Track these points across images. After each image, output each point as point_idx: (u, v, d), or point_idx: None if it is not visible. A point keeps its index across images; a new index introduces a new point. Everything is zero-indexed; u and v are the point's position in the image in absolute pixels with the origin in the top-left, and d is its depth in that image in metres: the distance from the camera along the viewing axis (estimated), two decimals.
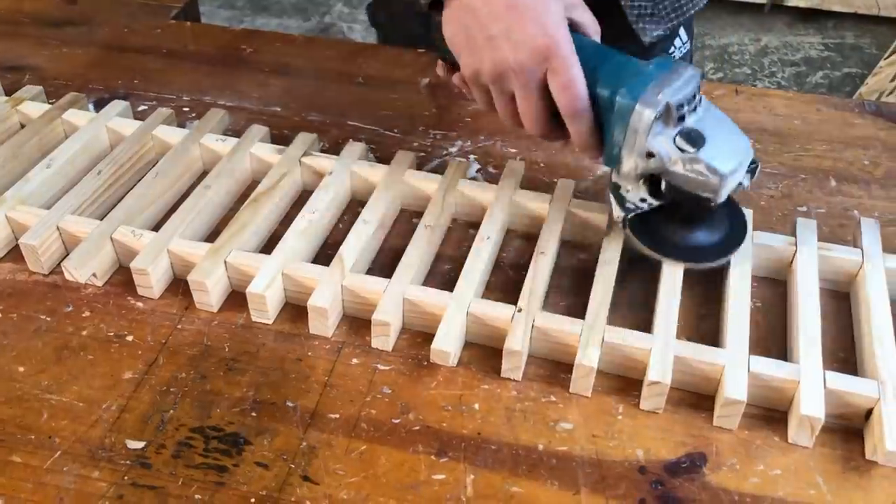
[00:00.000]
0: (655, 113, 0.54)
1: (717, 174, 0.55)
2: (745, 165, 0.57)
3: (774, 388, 0.54)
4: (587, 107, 0.57)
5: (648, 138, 0.55)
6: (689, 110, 0.55)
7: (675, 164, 0.55)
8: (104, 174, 0.70)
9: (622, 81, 0.55)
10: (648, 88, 0.54)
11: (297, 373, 0.56)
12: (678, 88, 0.54)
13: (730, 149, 0.55)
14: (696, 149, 0.54)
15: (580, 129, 0.58)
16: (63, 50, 0.92)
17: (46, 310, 0.60)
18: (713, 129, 0.55)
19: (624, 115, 0.55)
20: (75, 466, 0.50)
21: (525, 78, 0.57)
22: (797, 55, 2.56)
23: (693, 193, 0.56)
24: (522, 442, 0.52)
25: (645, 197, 0.58)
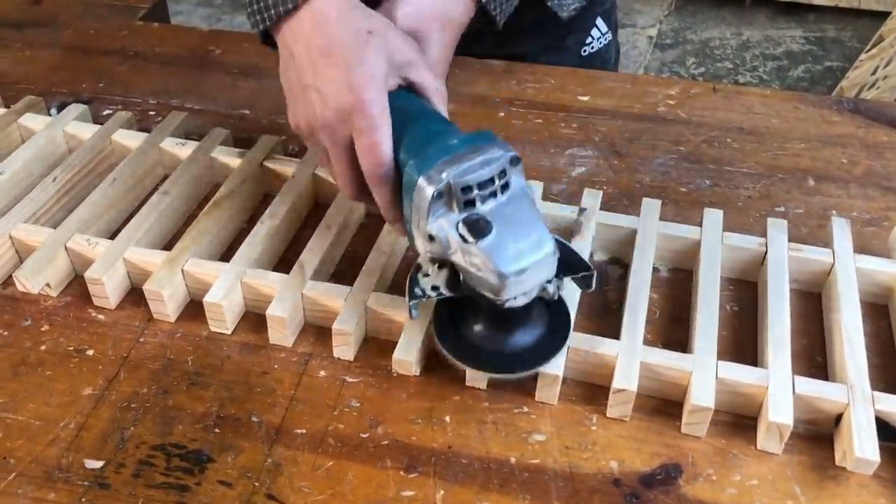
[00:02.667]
0: (434, 191, 0.47)
1: (495, 273, 0.47)
2: (542, 268, 0.49)
3: (743, 395, 0.53)
4: (389, 174, 0.52)
5: (428, 219, 0.49)
6: (483, 195, 0.48)
7: (455, 253, 0.49)
8: (59, 180, 0.68)
9: (418, 152, 0.50)
10: (437, 164, 0.48)
11: (263, 386, 0.54)
12: (471, 169, 0.48)
13: (521, 247, 0.48)
14: (476, 239, 0.47)
15: (382, 198, 0.53)
16: (26, 52, 0.90)
17: (3, 324, 0.59)
18: (508, 222, 0.48)
19: (410, 188, 0.49)
20: (30, 488, 0.48)
21: (331, 136, 0.53)
22: (779, 49, 2.56)
23: (479, 291, 0.50)
24: (494, 455, 0.51)
25: (438, 285, 0.52)
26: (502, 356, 0.53)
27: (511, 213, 0.49)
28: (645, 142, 0.77)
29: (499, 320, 0.53)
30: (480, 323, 0.53)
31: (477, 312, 0.53)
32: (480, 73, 0.86)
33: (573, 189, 0.70)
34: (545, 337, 0.54)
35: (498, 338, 0.53)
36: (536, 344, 0.53)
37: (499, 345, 0.53)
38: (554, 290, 0.51)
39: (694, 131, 0.78)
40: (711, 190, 0.71)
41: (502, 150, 0.49)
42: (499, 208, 0.49)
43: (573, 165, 0.73)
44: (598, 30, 0.93)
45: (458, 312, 0.54)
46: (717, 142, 0.77)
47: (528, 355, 0.53)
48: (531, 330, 0.53)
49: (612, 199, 0.70)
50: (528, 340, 0.53)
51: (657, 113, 0.80)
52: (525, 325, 0.53)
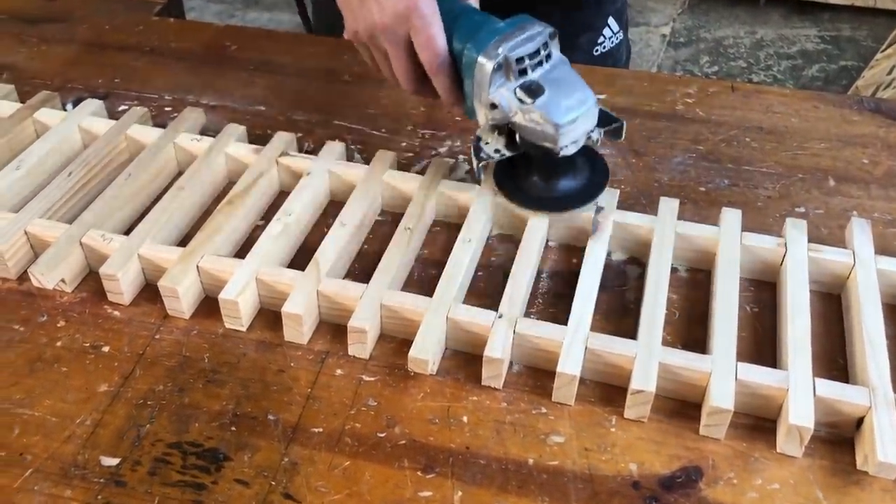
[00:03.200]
0: (493, 64, 0.57)
1: (552, 124, 0.57)
2: (587, 118, 0.59)
3: (763, 396, 0.52)
4: (446, 62, 0.60)
5: (490, 90, 0.58)
6: (533, 65, 0.58)
7: (515, 114, 0.58)
8: (75, 176, 0.68)
9: (472, 37, 0.58)
10: (491, 43, 0.57)
11: (279, 385, 0.54)
12: (519, 43, 0.57)
13: (570, 102, 0.58)
14: (533, 100, 0.57)
15: (442, 83, 0.61)
16: (42, 48, 0.89)
17: (20, 319, 0.58)
18: (556, 84, 0.58)
19: (470, 67, 0.59)
20: (47, 485, 0.48)
21: (391, 37, 0.60)
22: (793, 48, 2.54)
23: (537, 144, 0.59)
24: (512, 456, 0.50)
25: (499, 148, 0.62)
26: (558, 198, 0.63)
27: (556, 76, 0.59)
28: (663, 140, 0.76)
29: (554, 169, 0.63)
30: (536, 175, 0.64)
31: (531, 168, 0.64)
32: None
33: None
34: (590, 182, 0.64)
35: (554, 184, 0.63)
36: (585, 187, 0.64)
37: (554, 191, 0.63)
38: (597, 137, 0.61)
39: (713, 130, 0.77)
40: (730, 189, 0.71)
41: (542, 26, 0.59)
42: (546, 74, 0.59)
43: None
44: (610, 29, 0.94)
45: (514, 172, 0.65)
46: (736, 141, 0.76)
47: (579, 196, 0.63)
48: (579, 175, 0.64)
49: (630, 199, 0.69)
50: (577, 184, 0.64)
51: (675, 111, 0.80)
52: (573, 172, 0.63)
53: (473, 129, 0.77)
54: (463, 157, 0.74)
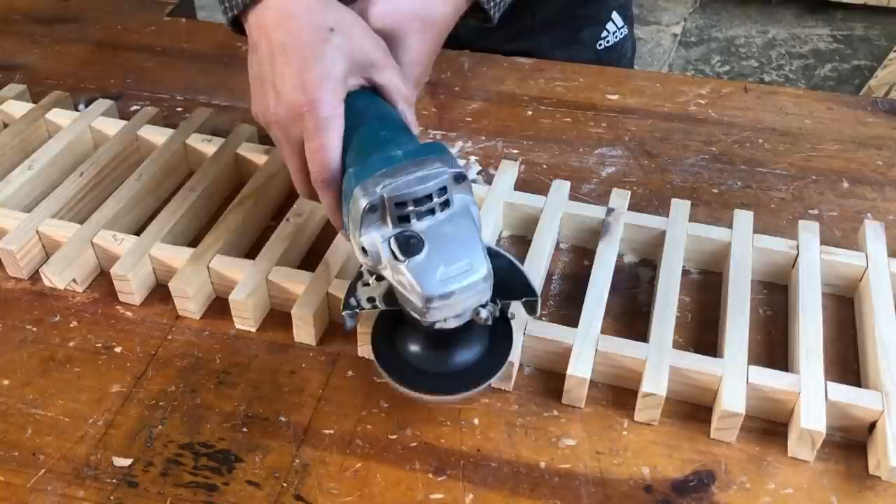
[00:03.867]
0: (366, 203, 0.46)
1: (419, 295, 0.45)
2: (472, 293, 0.46)
3: (774, 400, 0.52)
4: (335, 179, 0.51)
5: (361, 230, 0.47)
6: (419, 212, 0.46)
7: (385, 268, 0.47)
8: (86, 176, 0.68)
9: (361, 160, 0.48)
10: (376, 175, 0.46)
11: (291, 386, 0.54)
12: (409, 183, 0.46)
13: (449, 270, 0.46)
14: (405, 258, 0.46)
15: (327, 203, 0.52)
16: (55, 48, 0.90)
17: (33, 320, 0.59)
18: (442, 243, 0.46)
19: (348, 197, 0.48)
20: (60, 485, 0.48)
21: (284, 133, 0.53)
22: (805, 47, 2.53)
23: (407, 309, 0.48)
24: (524, 459, 0.50)
25: (375, 298, 0.51)
26: (438, 376, 0.50)
27: (448, 232, 0.47)
28: (675, 142, 0.76)
29: (433, 340, 0.50)
30: (417, 340, 0.51)
31: (415, 329, 0.50)
32: (508, 71, 0.85)
33: (603, 189, 0.69)
34: (483, 358, 0.51)
35: (433, 357, 0.51)
36: (474, 365, 0.51)
37: (434, 364, 0.51)
38: (487, 316, 0.48)
39: (725, 131, 0.77)
40: (743, 191, 0.70)
41: (446, 165, 0.47)
42: (435, 227, 0.47)
43: (603, 165, 0.72)
44: (614, 24, 0.93)
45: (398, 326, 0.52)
46: (749, 142, 0.76)
47: (465, 376, 0.50)
48: (467, 351, 0.51)
49: (642, 200, 0.69)
50: (464, 361, 0.51)
51: (688, 112, 0.79)
52: (461, 346, 0.50)
53: (486, 131, 0.77)
54: (475, 159, 0.74)
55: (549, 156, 0.74)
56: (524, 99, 0.81)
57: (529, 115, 0.79)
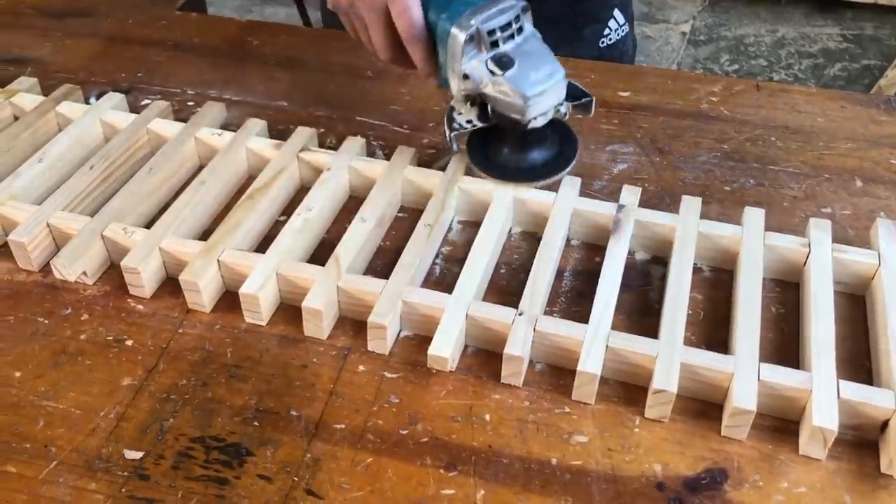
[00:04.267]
0: (465, 35, 0.58)
1: (520, 95, 0.58)
2: (555, 91, 0.60)
3: (786, 398, 0.52)
4: (422, 32, 0.61)
5: (462, 60, 0.59)
6: (504, 37, 0.59)
7: (486, 86, 0.60)
8: (97, 169, 0.68)
9: (447, 8, 0.59)
10: (465, 14, 0.58)
11: (302, 380, 0.54)
12: (492, 16, 0.58)
13: (538, 75, 0.59)
14: (503, 72, 0.58)
15: (417, 53, 0.62)
16: (66, 42, 0.90)
17: (44, 312, 0.59)
18: (526, 57, 0.59)
19: (444, 38, 0.59)
20: (71, 477, 0.48)
21: (369, 5, 0.61)
22: (815, 47, 2.52)
23: (507, 115, 0.60)
24: (535, 455, 0.50)
25: (472, 118, 0.63)
26: (527, 169, 0.65)
27: (527, 50, 0.60)
28: (687, 139, 0.75)
29: (523, 141, 0.64)
30: (508, 146, 0.64)
31: (503, 139, 0.64)
32: None
33: (615, 186, 0.69)
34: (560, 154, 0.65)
35: (523, 156, 0.64)
36: (554, 159, 0.65)
37: (524, 162, 0.64)
38: (565, 111, 0.62)
39: (737, 129, 0.77)
40: (756, 189, 0.70)
41: (515, 1, 0.59)
42: (517, 47, 0.60)
43: (614, 162, 0.72)
44: (616, 21, 0.95)
45: (487, 143, 0.65)
46: (761, 140, 0.75)
47: (548, 168, 0.65)
48: (548, 148, 0.65)
49: (654, 197, 0.68)
50: (546, 157, 0.65)
51: (700, 110, 0.79)
52: (543, 144, 0.64)
53: None
54: None
55: None
56: None
57: None
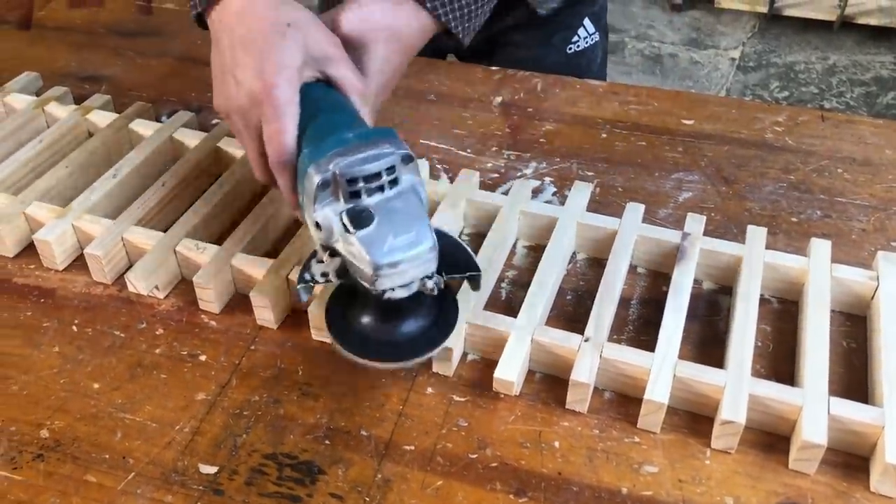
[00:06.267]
0: (319, 180, 0.50)
1: (368, 263, 0.49)
2: (418, 264, 0.50)
3: (856, 433, 0.51)
4: (291, 161, 0.54)
5: (315, 206, 0.51)
6: (369, 188, 0.50)
7: (337, 241, 0.51)
8: (168, 185, 0.70)
9: (315, 142, 0.52)
10: (329, 154, 0.50)
11: (371, 400, 0.55)
12: (360, 162, 0.50)
13: (397, 241, 0.49)
14: (355, 229, 0.49)
15: (283, 183, 0.55)
16: (137, 61, 0.92)
17: (120, 326, 0.60)
18: (390, 217, 0.50)
19: (302, 176, 0.52)
20: (149, 489, 0.49)
21: (244, 119, 0.56)
22: (867, 75, 2.49)
23: (356, 279, 0.52)
24: (605, 484, 0.50)
25: (328, 272, 0.54)
26: (389, 345, 0.54)
27: (397, 208, 0.51)
28: (753, 169, 0.75)
29: (384, 311, 0.54)
30: (368, 313, 0.54)
31: (366, 303, 0.54)
32: (581, 93, 0.85)
33: (680, 214, 0.69)
34: (431, 328, 0.54)
35: (384, 327, 0.54)
36: (422, 334, 0.54)
37: (385, 334, 0.54)
38: (433, 287, 0.52)
39: (803, 160, 0.76)
40: (823, 221, 0.69)
41: (394, 147, 0.51)
42: (384, 202, 0.51)
43: (680, 190, 0.72)
44: (586, 30, 0.97)
45: (350, 302, 0.55)
46: (828, 171, 0.75)
47: (413, 345, 0.54)
48: (416, 321, 0.54)
49: (720, 227, 0.68)
50: (413, 330, 0.54)
51: (765, 139, 0.79)
52: (409, 317, 0.54)
53: (560, 152, 0.77)
54: (549, 180, 0.74)
55: (624, 179, 0.74)
56: (598, 121, 0.81)
57: (604, 138, 0.79)
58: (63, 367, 0.57)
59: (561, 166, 0.75)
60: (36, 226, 0.67)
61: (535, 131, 0.80)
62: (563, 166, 0.75)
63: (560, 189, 0.73)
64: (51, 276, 0.65)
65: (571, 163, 0.76)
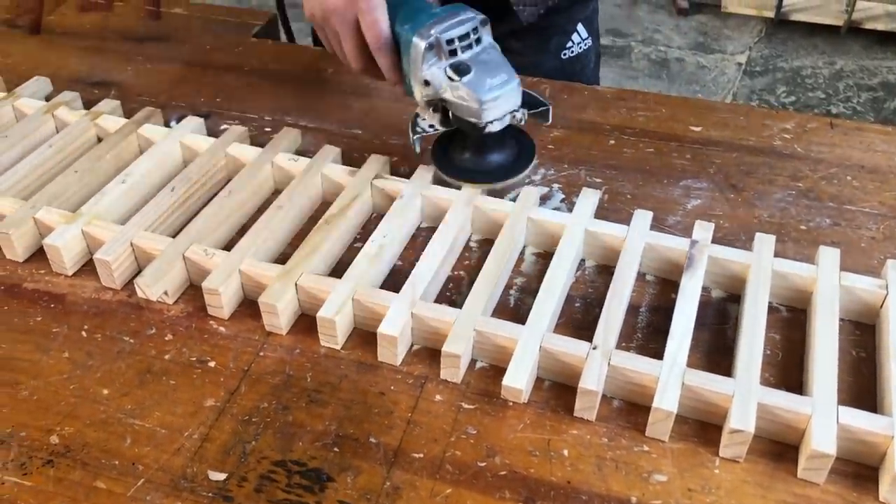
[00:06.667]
0: (425, 44, 0.63)
1: (476, 100, 0.63)
2: (510, 97, 0.65)
3: (865, 443, 0.51)
4: (389, 43, 0.66)
5: (423, 67, 0.64)
6: (462, 46, 0.64)
7: (445, 91, 0.65)
8: (178, 191, 0.70)
9: (410, 20, 0.65)
10: (426, 25, 0.63)
11: (380, 407, 0.55)
12: (451, 26, 0.64)
13: (494, 81, 0.64)
14: (460, 78, 0.63)
15: (385, 62, 0.67)
16: (147, 66, 0.93)
17: (130, 331, 0.60)
18: (483, 65, 0.64)
19: (407, 47, 0.65)
20: (158, 496, 0.49)
21: (341, 18, 0.67)
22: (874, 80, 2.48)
23: (465, 119, 0.65)
24: (614, 493, 0.50)
25: (434, 123, 0.68)
26: (486, 171, 0.69)
27: (484, 59, 0.65)
28: (761, 176, 0.75)
29: (482, 144, 0.69)
30: (468, 149, 0.69)
31: (465, 143, 0.69)
32: (589, 99, 0.85)
33: (689, 221, 0.69)
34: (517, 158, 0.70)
35: (482, 159, 0.69)
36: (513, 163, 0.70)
37: (483, 164, 0.69)
38: (521, 117, 0.67)
39: (812, 167, 0.76)
40: (832, 229, 0.69)
41: (474, 13, 0.65)
42: (475, 56, 0.65)
43: (688, 197, 0.72)
44: (579, 35, 1.00)
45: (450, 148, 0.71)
46: (837, 179, 0.75)
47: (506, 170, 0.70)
48: (507, 152, 0.70)
49: (729, 234, 0.68)
50: (505, 160, 0.70)
51: (773, 146, 0.79)
52: (502, 148, 0.69)
53: (568, 159, 0.77)
54: (557, 186, 0.74)
55: (632, 186, 0.74)
56: (606, 128, 0.81)
57: (612, 145, 0.79)
58: (73, 372, 0.57)
59: (569, 173, 0.75)
60: (45, 231, 0.67)
61: (542, 137, 0.80)
62: (571, 173, 0.75)
63: (568, 196, 0.73)
64: (60, 282, 0.65)
65: (579, 169, 0.76)
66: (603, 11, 1.04)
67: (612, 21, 2.75)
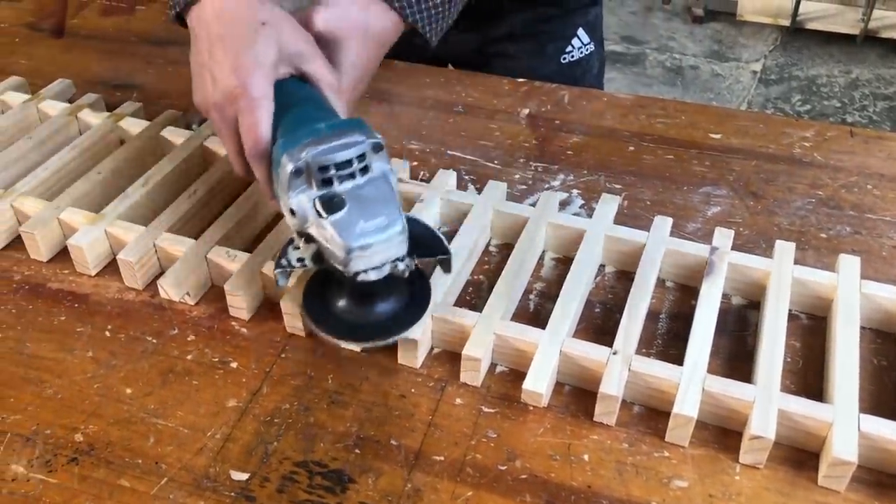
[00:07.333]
0: (292, 168, 0.52)
1: (341, 246, 0.51)
2: (388, 246, 0.52)
3: (887, 451, 0.51)
4: (266, 152, 0.56)
5: (290, 194, 0.53)
6: (341, 175, 0.52)
7: (311, 226, 0.53)
8: (199, 193, 0.71)
9: (288, 133, 0.54)
10: (300, 144, 0.52)
11: (401, 410, 0.55)
12: (331, 150, 0.52)
13: (368, 225, 0.52)
14: (327, 214, 0.51)
15: (259, 174, 0.58)
16: (168, 69, 0.93)
17: (153, 331, 0.61)
18: (361, 203, 0.52)
19: (276, 165, 0.54)
20: (181, 494, 0.50)
21: (221, 115, 0.59)
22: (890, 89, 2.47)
23: (331, 263, 0.54)
24: (635, 499, 0.50)
25: (304, 258, 0.55)
26: (363, 326, 0.56)
27: (367, 194, 0.53)
28: (781, 184, 0.75)
29: (357, 293, 0.56)
30: (343, 297, 0.57)
31: (340, 286, 0.57)
32: (608, 106, 0.85)
33: (708, 229, 0.69)
34: (405, 310, 0.57)
35: (358, 310, 0.57)
36: (395, 315, 0.57)
37: (360, 316, 0.56)
38: (404, 269, 0.54)
39: (832, 175, 0.76)
40: (853, 237, 0.69)
41: (365, 135, 0.53)
42: (356, 189, 0.53)
43: (708, 204, 0.72)
44: (580, 40, 0.98)
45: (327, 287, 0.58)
46: (857, 187, 0.75)
47: (387, 326, 0.56)
48: (389, 303, 0.57)
49: (749, 242, 0.68)
50: (386, 312, 0.56)
51: (793, 154, 0.79)
52: (382, 299, 0.56)
53: (587, 165, 0.78)
54: (577, 192, 0.74)
55: (652, 192, 0.74)
56: (625, 134, 0.81)
57: (631, 151, 0.79)
58: (97, 371, 0.58)
59: (588, 179, 0.76)
60: (69, 231, 0.67)
61: (562, 143, 0.80)
62: (590, 179, 0.76)
63: (587, 201, 0.73)
64: (84, 282, 0.65)
65: (599, 175, 0.76)
66: (618, 19, 1.04)
67: (627, 28, 2.75)
